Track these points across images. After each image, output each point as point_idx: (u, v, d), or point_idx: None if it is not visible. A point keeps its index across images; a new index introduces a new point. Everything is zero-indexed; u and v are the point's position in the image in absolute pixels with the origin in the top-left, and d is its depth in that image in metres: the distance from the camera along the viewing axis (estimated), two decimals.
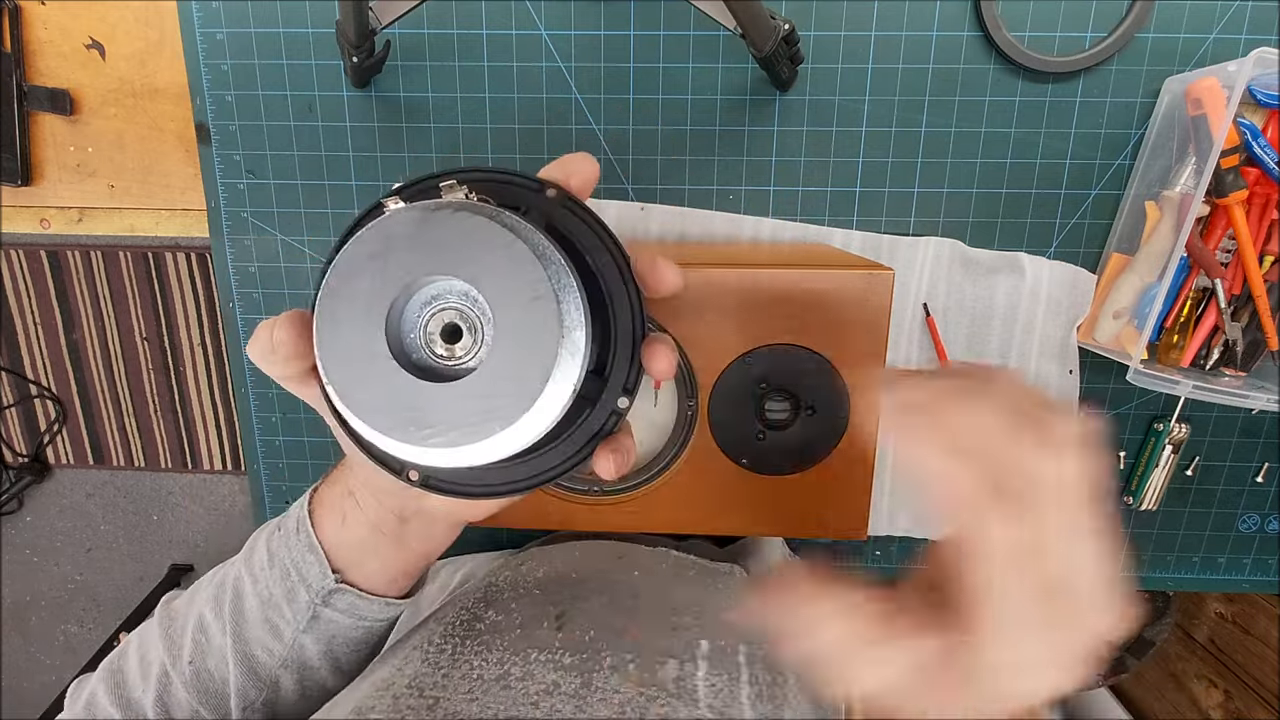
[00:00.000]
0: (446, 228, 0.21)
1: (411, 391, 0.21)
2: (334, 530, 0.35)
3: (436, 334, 0.22)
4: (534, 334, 0.21)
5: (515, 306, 0.21)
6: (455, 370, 0.22)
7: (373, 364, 0.21)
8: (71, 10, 0.86)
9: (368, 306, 0.21)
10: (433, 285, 0.22)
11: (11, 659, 1.98)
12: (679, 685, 0.33)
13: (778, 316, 0.42)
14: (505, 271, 0.21)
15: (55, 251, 1.62)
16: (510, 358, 0.21)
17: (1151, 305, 0.52)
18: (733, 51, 0.56)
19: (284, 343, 0.25)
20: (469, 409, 0.21)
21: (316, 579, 0.35)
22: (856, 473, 0.45)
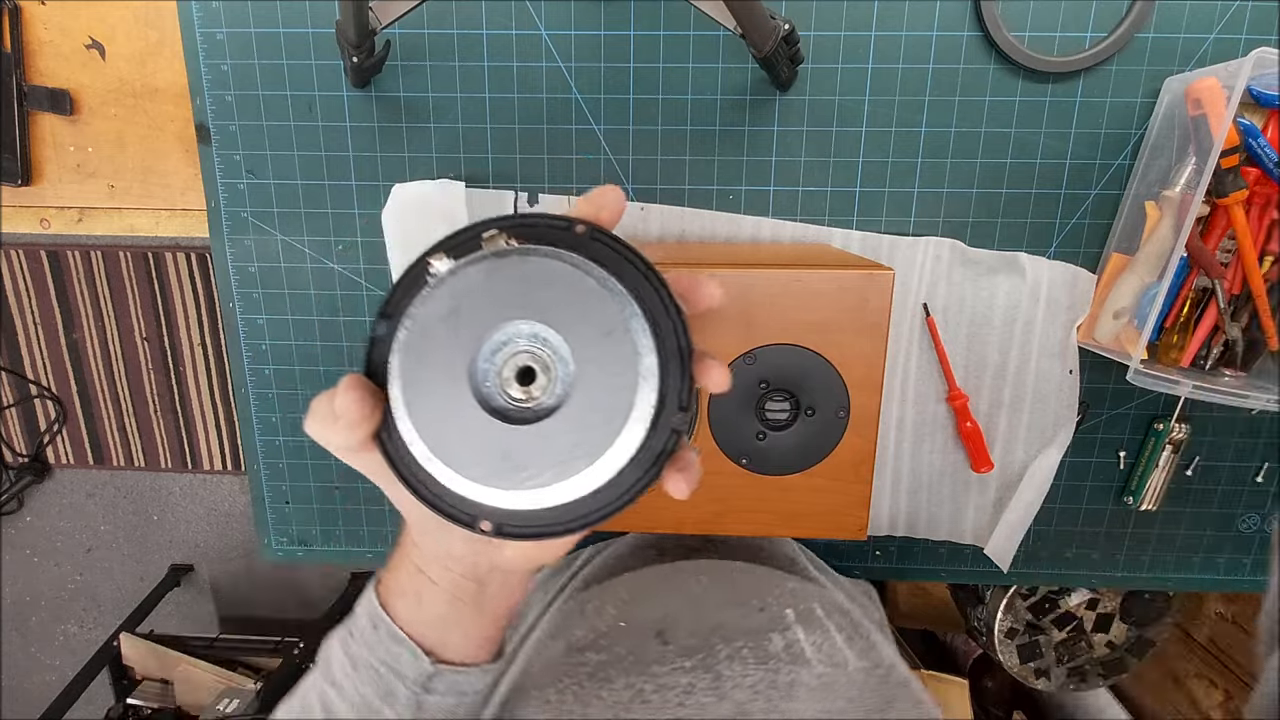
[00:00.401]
0: (516, 274, 0.21)
1: (502, 438, 0.21)
2: (412, 613, 0.34)
3: (512, 378, 0.22)
4: (613, 366, 0.22)
5: (592, 342, 0.21)
6: (533, 411, 0.22)
7: (461, 417, 0.21)
8: (71, 10, 0.86)
9: (449, 363, 0.21)
10: (502, 332, 0.22)
11: (11, 659, 1.98)
12: (790, 652, 0.35)
13: (778, 316, 0.42)
14: (579, 309, 0.21)
15: (55, 251, 1.62)
16: (593, 391, 0.22)
17: (1151, 305, 0.52)
18: (733, 51, 0.56)
19: (349, 408, 0.24)
20: (560, 447, 0.21)
21: (411, 668, 0.33)
22: (856, 473, 0.45)
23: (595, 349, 0.22)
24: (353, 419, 0.24)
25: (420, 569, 0.33)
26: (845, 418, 0.44)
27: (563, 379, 0.22)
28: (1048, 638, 1.07)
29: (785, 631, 0.37)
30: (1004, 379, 0.61)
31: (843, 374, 0.43)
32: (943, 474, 0.64)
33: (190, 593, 1.89)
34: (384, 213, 0.59)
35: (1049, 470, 0.62)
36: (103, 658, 1.58)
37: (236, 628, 1.85)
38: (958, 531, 0.65)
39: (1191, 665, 1.17)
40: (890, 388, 0.62)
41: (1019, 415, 0.62)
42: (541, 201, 0.60)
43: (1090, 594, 1.03)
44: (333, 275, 0.62)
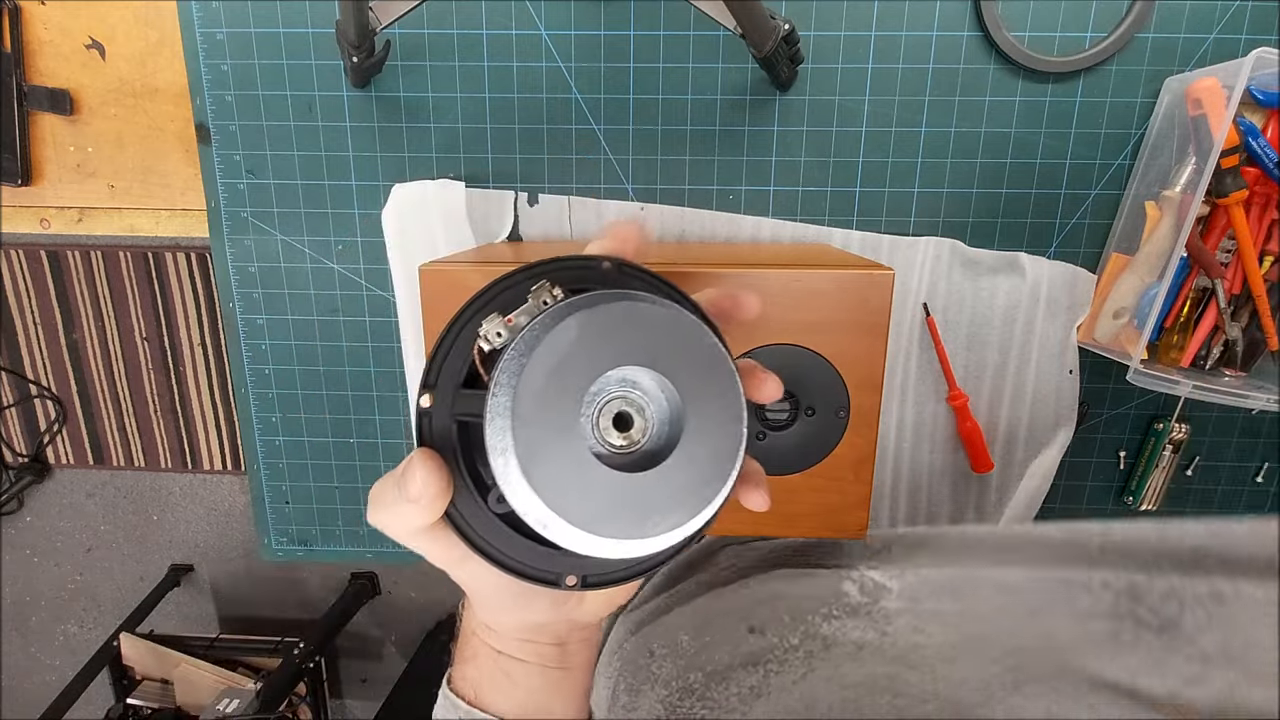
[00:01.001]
0: (611, 323, 0.21)
1: (624, 485, 0.21)
2: (507, 699, 0.32)
3: (610, 426, 0.22)
4: (720, 399, 0.22)
5: (697, 377, 0.22)
6: (635, 456, 0.22)
7: (581, 472, 0.21)
8: (71, 10, 0.86)
9: (557, 422, 0.21)
10: (595, 383, 0.22)
11: (11, 659, 1.98)
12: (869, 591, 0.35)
13: (778, 316, 0.42)
14: (675, 349, 0.22)
15: (55, 251, 1.62)
16: (704, 427, 0.22)
17: (1151, 305, 0.52)
18: (733, 51, 0.56)
19: (430, 483, 0.23)
20: (679, 486, 0.21)
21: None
22: (856, 473, 0.45)
23: (704, 384, 0.22)
24: (431, 495, 0.23)
25: (500, 651, 0.32)
26: (845, 418, 0.44)
27: (660, 418, 0.22)
28: None
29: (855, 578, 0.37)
30: (1004, 379, 0.61)
31: (843, 374, 0.43)
32: (943, 474, 0.64)
33: (190, 593, 1.89)
34: (384, 213, 0.59)
35: (1049, 470, 0.62)
36: (103, 658, 1.58)
37: (236, 628, 1.85)
38: None
39: None
40: (890, 388, 0.62)
41: (1019, 415, 0.62)
42: (541, 201, 0.60)
43: None
44: (333, 275, 0.62)
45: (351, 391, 0.65)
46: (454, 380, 0.24)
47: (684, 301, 0.25)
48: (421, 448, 0.24)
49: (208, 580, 1.88)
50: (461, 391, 0.24)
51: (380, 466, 0.67)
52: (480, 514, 0.25)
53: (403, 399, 0.65)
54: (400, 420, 0.66)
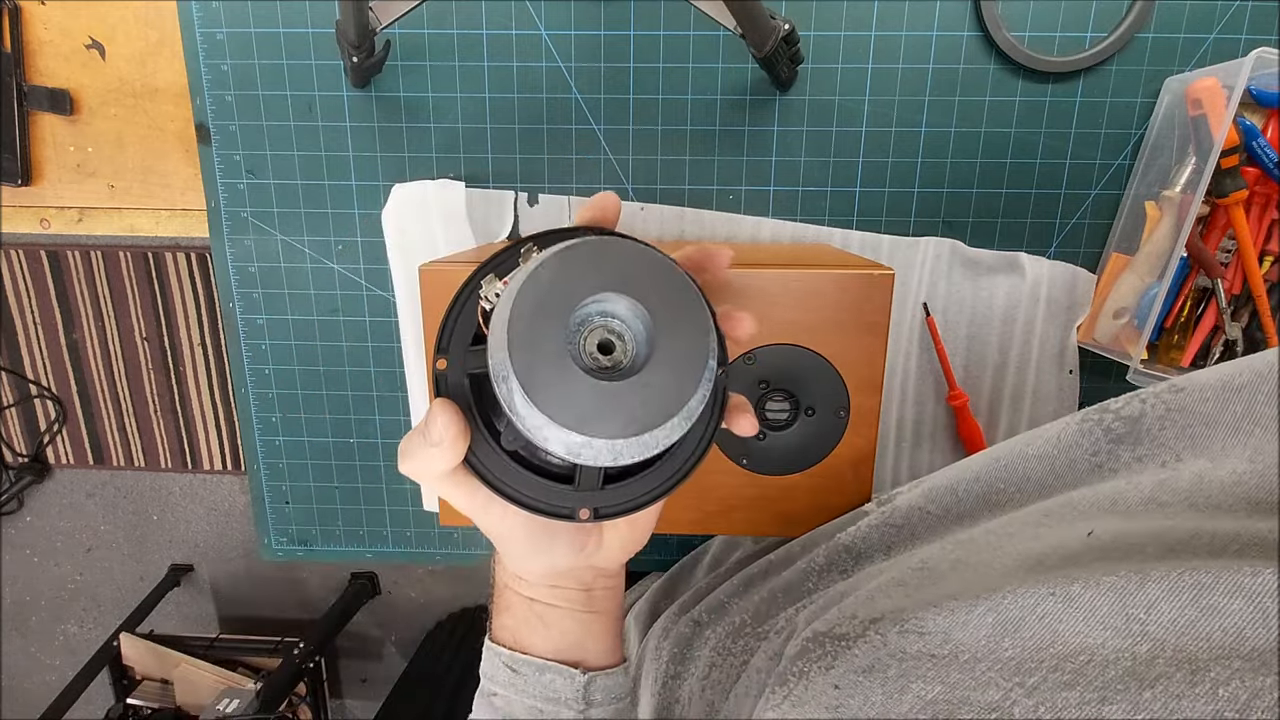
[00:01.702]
0: (585, 257, 0.25)
1: (604, 391, 0.24)
2: (544, 640, 0.34)
3: (595, 351, 0.25)
4: (689, 317, 0.25)
5: (667, 300, 0.25)
6: (620, 374, 0.25)
7: (573, 387, 0.24)
8: (71, 10, 0.86)
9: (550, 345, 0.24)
10: (578, 312, 0.24)
11: (11, 659, 1.98)
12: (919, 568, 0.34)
13: (778, 316, 0.42)
14: (650, 275, 0.25)
15: (55, 251, 1.62)
16: (677, 341, 0.24)
17: (1151, 305, 0.52)
18: (733, 51, 0.56)
19: (449, 426, 0.25)
20: (659, 392, 0.24)
21: (568, 688, 0.34)
22: (856, 473, 0.45)
23: (676, 310, 0.25)
24: (451, 438, 0.25)
25: (532, 599, 0.34)
26: (845, 418, 0.44)
27: (637, 341, 0.25)
28: None
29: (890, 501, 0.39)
30: (1004, 379, 0.61)
31: (843, 374, 0.43)
32: None
33: (190, 593, 1.89)
34: (384, 213, 0.59)
35: None
36: (103, 658, 1.59)
37: (236, 628, 1.85)
38: None
39: None
40: (890, 388, 0.62)
41: (1019, 415, 0.62)
42: (541, 201, 0.60)
43: None
44: (333, 275, 0.62)
45: (351, 391, 0.65)
46: (464, 342, 0.27)
47: (665, 258, 0.28)
48: (439, 398, 0.26)
49: (208, 580, 1.88)
50: (470, 349, 0.27)
51: (380, 466, 0.67)
52: (496, 459, 0.27)
53: (403, 399, 0.65)
54: (400, 420, 0.66)
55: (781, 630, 0.38)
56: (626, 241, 0.26)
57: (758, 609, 0.41)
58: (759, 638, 0.39)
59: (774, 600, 0.41)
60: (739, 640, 0.40)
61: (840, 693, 0.28)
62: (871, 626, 0.29)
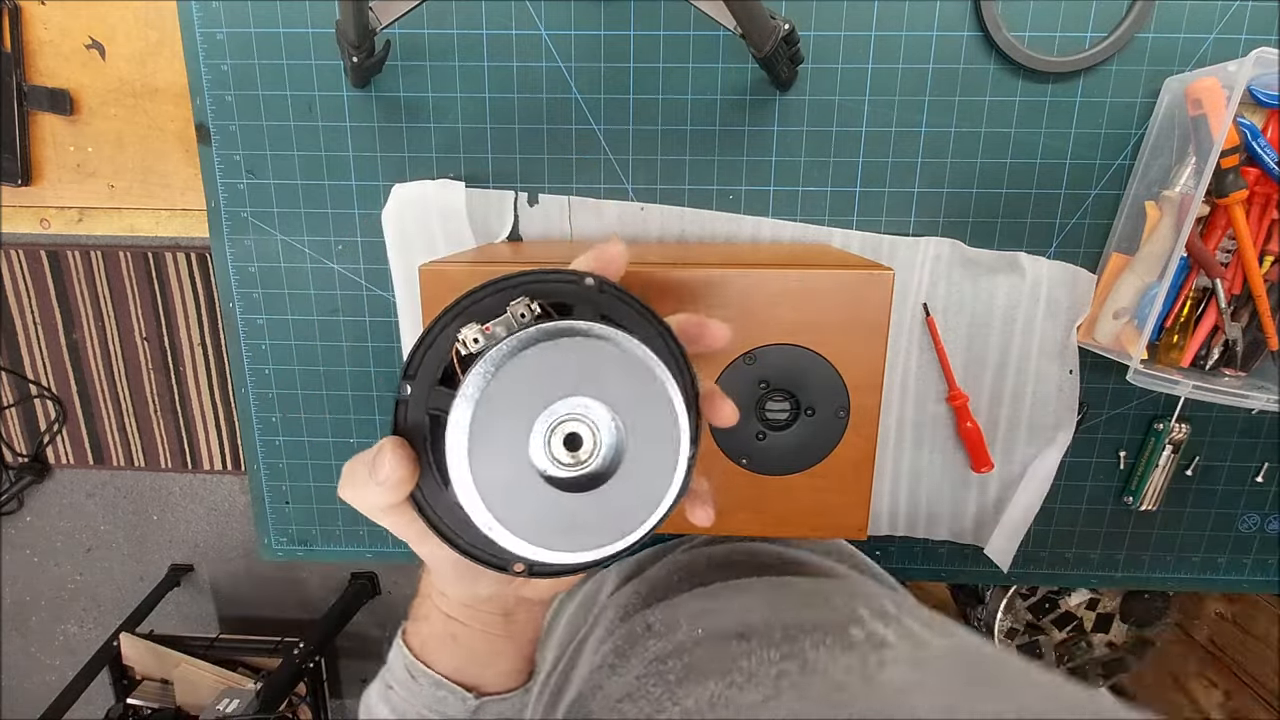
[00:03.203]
0: (562, 357, 0.23)
1: (563, 506, 0.24)
2: (449, 658, 0.36)
3: (560, 445, 0.24)
4: (660, 433, 0.24)
5: (640, 412, 0.24)
6: (581, 475, 0.24)
7: (523, 489, 0.23)
8: (71, 10, 0.86)
9: (510, 443, 0.23)
10: (550, 407, 0.24)
11: (11, 659, 1.98)
12: (872, 640, 0.35)
13: (778, 316, 0.42)
14: (628, 384, 0.24)
15: (55, 251, 1.62)
16: (643, 457, 0.24)
17: (1151, 305, 0.52)
18: (733, 51, 0.56)
19: (396, 469, 0.25)
20: (615, 508, 0.24)
21: (457, 709, 0.35)
22: (856, 473, 0.45)
23: (647, 420, 0.24)
24: (397, 480, 0.25)
25: (450, 615, 0.35)
26: (845, 418, 0.44)
27: (608, 444, 0.24)
28: (1048, 638, 1.07)
29: (863, 625, 0.38)
30: (1004, 379, 0.61)
31: (843, 374, 0.43)
32: (943, 474, 0.64)
33: (190, 593, 1.89)
34: (384, 213, 0.59)
35: (1049, 470, 0.62)
36: (103, 658, 1.58)
37: (236, 628, 1.85)
38: (958, 531, 0.65)
39: (1191, 665, 1.17)
40: (890, 388, 0.62)
41: (1019, 415, 0.62)
42: (541, 201, 0.60)
43: (1090, 594, 1.03)
44: (333, 275, 0.62)
45: (351, 391, 0.65)
46: (432, 375, 0.27)
47: (656, 324, 0.27)
48: (393, 436, 0.26)
49: (208, 580, 1.88)
50: (437, 388, 0.26)
51: None
52: (442, 498, 0.27)
53: None
54: None
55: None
56: (615, 346, 0.24)
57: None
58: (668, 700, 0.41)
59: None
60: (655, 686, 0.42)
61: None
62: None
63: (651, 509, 0.24)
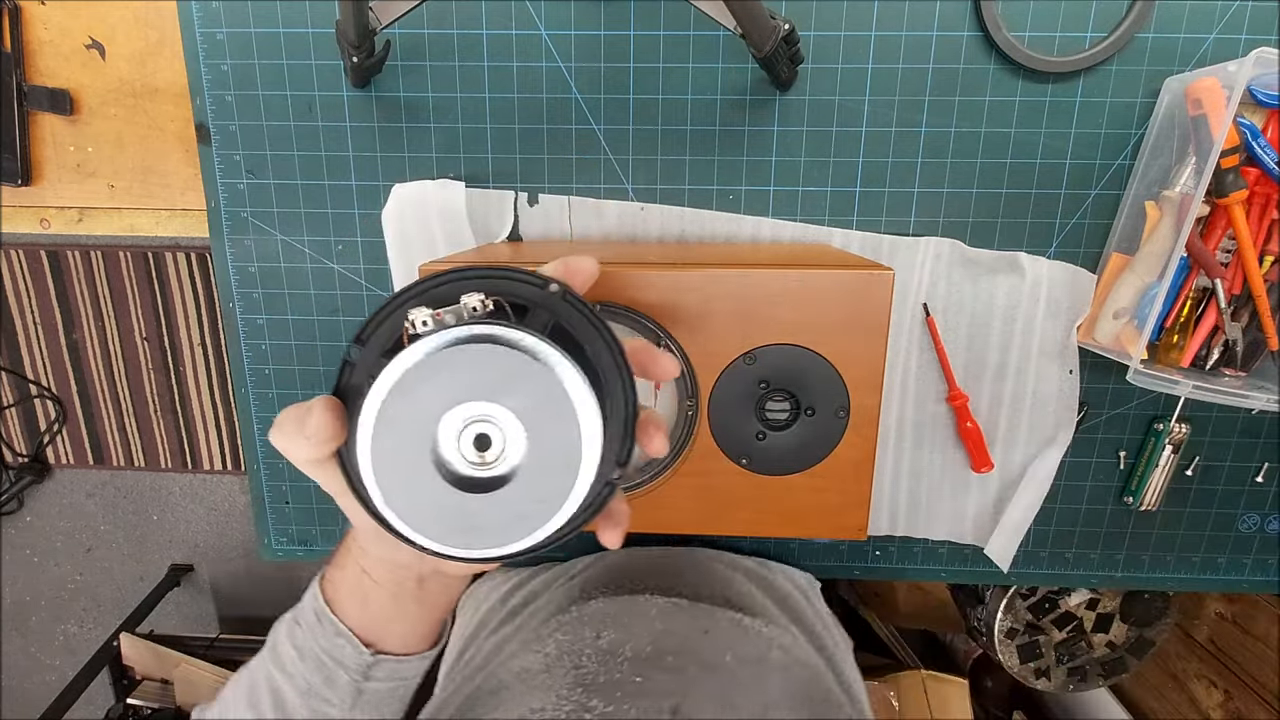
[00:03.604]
0: (483, 360, 0.24)
1: (459, 505, 0.24)
2: (356, 610, 0.37)
3: (470, 444, 0.24)
4: (562, 448, 0.24)
5: (546, 426, 0.24)
6: (487, 476, 0.25)
7: (423, 484, 0.24)
8: (71, 10, 0.86)
9: (415, 433, 0.24)
10: (464, 405, 0.24)
11: (11, 659, 1.98)
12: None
13: (778, 316, 0.42)
14: (536, 397, 0.24)
15: (55, 251, 1.62)
16: (541, 469, 0.24)
17: (1151, 305, 0.52)
18: (733, 51, 0.56)
19: (322, 427, 0.26)
20: (510, 514, 0.24)
21: (353, 659, 0.37)
22: (857, 473, 0.45)
23: (551, 434, 0.24)
24: (323, 437, 0.26)
25: (365, 571, 0.36)
26: (845, 418, 0.44)
27: (515, 452, 0.25)
28: (1048, 638, 1.07)
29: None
30: (1004, 379, 0.61)
31: (843, 374, 0.43)
32: (943, 474, 0.64)
33: (190, 593, 1.89)
34: (384, 213, 0.59)
35: (1049, 470, 0.62)
36: (103, 658, 1.58)
37: (236, 628, 1.85)
38: (958, 531, 0.65)
39: (1191, 665, 1.17)
40: (890, 388, 0.62)
41: (1019, 415, 0.62)
42: (541, 201, 0.60)
43: (1090, 594, 1.03)
44: (333, 275, 0.62)
45: None
46: (381, 345, 0.27)
47: (609, 343, 0.28)
48: (328, 396, 0.27)
49: (208, 580, 1.88)
50: (381, 358, 0.27)
51: None
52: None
53: None
54: None
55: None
56: (540, 364, 0.24)
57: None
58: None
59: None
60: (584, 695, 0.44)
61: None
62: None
63: (544, 521, 0.25)
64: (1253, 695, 1.07)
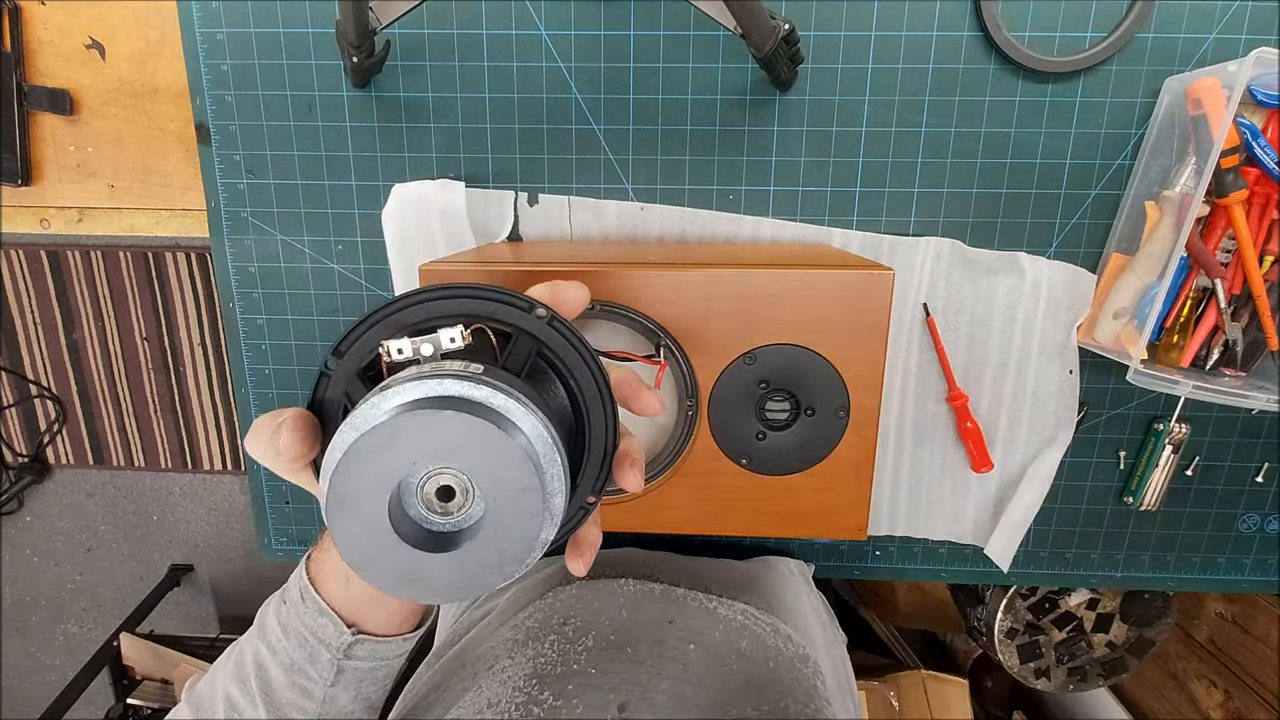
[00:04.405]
0: (450, 423, 0.23)
1: (413, 561, 0.24)
2: (339, 591, 0.38)
3: (433, 495, 0.24)
4: (522, 515, 0.24)
5: (510, 489, 0.23)
6: (449, 526, 0.25)
7: (379, 539, 0.24)
8: (71, 10, 0.86)
9: (374, 492, 0.23)
10: (428, 462, 0.24)
11: (11, 659, 1.98)
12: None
13: (778, 316, 0.42)
14: (499, 466, 0.23)
15: (55, 251, 1.62)
16: (500, 533, 0.24)
17: (1151, 305, 0.52)
18: (733, 51, 0.56)
19: (290, 446, 0.26)
20: (463, 574, 0.24)
21: (334, 638, 0.38)
22: (856, 473, 0.45)
23: (512, 501, 0.24)
24: (292, 455, 0.26)
25: None
26: (845, 418, 0.44)
27: (478, 504, 0.24)
28: (1048, 638, 1.07)
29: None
30: (1004, 379, 0.61)
31: (843, 374, 0.43)
32: (943, 474, 0.64)
33: (190, 593, 1.89)
34: (384, 213, 0.59)
35: (1049, 470, 0.62)
36: (103, 658, 1.58)
37: (236, 628, 1.85)
38: (958, 531, 0.65)
39: (1191, 665, 1.17)
40: (890, 388, 0.62)
41: (1019, 415, 0.62)
42: (541, 201, 0.60)
43: (1090, 594, 1.03)
44: (333, 275, 0.62)
45: None
46: (359, 360, 0.27)
47: (596, 373, 0.28)
48: (301, 411, 0.27)
49: (208, 580, 1.88)
50: (355, 377, 0.27)
51: None
52: None
53: None
54: None
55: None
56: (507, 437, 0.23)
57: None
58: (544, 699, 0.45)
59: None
60: (537, 687, 0.45)
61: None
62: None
63: (499, 571, 0.25)
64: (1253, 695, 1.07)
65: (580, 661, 0.43)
